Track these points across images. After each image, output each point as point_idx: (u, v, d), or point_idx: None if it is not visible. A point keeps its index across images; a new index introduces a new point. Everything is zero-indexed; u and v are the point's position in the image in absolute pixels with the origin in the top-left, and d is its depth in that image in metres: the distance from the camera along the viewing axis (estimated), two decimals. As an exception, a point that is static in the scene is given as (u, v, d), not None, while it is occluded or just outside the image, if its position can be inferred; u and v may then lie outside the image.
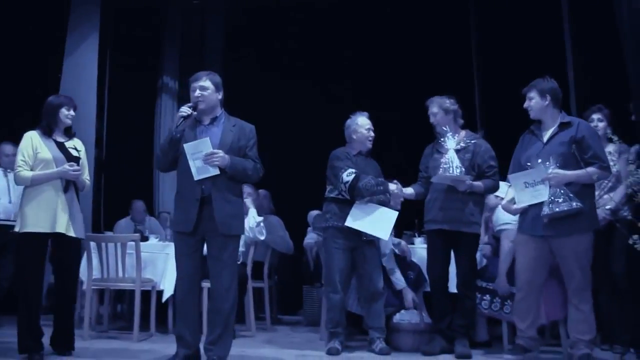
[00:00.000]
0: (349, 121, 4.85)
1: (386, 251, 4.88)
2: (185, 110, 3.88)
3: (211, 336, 3.86)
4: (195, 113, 3.92)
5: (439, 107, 4.60)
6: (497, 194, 4.75)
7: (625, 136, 4.64)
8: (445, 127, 4.52)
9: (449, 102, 4.61)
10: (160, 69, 8.11)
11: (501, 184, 4.59)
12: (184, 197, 3.92)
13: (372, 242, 4.61)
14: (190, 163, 3.82)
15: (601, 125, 4.73)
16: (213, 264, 3.89)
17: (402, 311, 4.76)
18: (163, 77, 8.05)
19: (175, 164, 4.00)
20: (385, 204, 4.56)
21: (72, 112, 4.30)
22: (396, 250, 5.04)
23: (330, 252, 4.62)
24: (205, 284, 4.63)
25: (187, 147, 3.83)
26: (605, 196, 4.58)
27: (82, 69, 6.48)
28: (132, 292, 5.71)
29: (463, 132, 4.62)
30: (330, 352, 4.42)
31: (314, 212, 7.01)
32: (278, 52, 8.64)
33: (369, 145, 4.76)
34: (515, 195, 4.15)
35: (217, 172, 3.81)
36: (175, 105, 8.12)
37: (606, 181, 4.56)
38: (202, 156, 3.79)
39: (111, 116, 7.14)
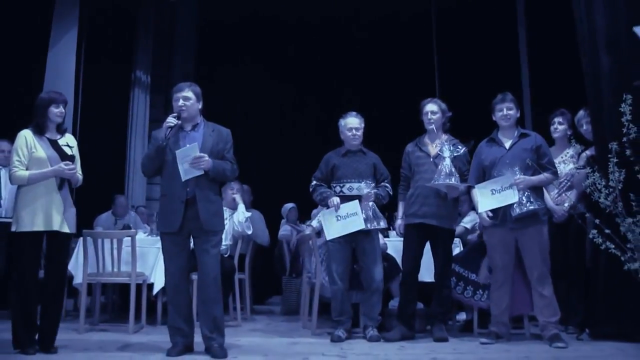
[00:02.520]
0: (338, 122, 5.14)
1: None
2: (171, 121, 4.21)
3: (208, 325, 4.15)
4: (179, 122, 4.25)
5: (439, 108, 4.95)
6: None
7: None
8: (435, 130, 4.91)
9: (444, 105, 4.99)
10: (134, 63, 8.22)
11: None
12: (169, 199, 4.23)
13: (369, 236, 4.88)
14: (180, 166, 4.15)
15: (561, 128, 5.23)
16: (200, 256, 4.22)
17: (396, 298, 5.20)
18: (136, 72, 8.16)
19: (160, 170, 4.31)
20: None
21: (62, 109, 4.32)
22: None
23: (329, 246, 4.97)
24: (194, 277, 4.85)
25: (178, 153, 4.16)
26: (564, 195, 5.11)
27: (62, 63, 6.55)
28: (115, 285, 5.99)
29: (444, 136, 4.98)
30: (332, 340, 4.75)
31: (289, 205, 7.34)
32: (250, 47, 8.85)
33: (354, 144, 5.03)
34: (480, 202, 4.65)
35: (201, 172, 4.16)
36: (148, 98, 8.25)
37: (565, 181, 5.10)
38: (190, 159, 4.12)
39: (84, 109, 7.20)
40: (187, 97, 4.28)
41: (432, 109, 4.95)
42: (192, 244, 4.35)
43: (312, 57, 8.75)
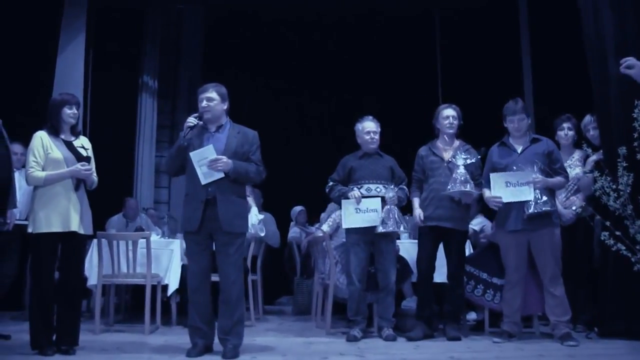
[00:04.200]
0: (355, 126, 5.23)
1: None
2: (191, 120, 4.22)
3: (224, 327, 4.19)
4: (201, 122, 4.25)
5: (457, 114, 5.06)
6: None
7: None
8: (451, 136, 5.04)
9: (459, 110, 5.10)
10: (141, 68, 8.35)
11: None
12: (191, 199, 4.25)
13: (388, 236, 4.96)
14: (197, 169, 4.15)
15: (570, 133, 5.34)
16: (220, 259, 4.23)
17: (408, 298, 5.36)
18: (143, 77, 8.28)
19: (183, 169, 4.32)
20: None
21: (74, 111, 4.32)
22: None
23: (348, 247, 5.06)
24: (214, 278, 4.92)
25: (192, 155, 4.16)
26: (572, 198, 5.22)
27: (71, 68, 6.64)
28: (127, 286, 6.07)
29: (457, 142, 5.11)
30: (348, 339, 4.83)
31: (298, 208, 7.47)
32: (256, 53, 8.96)
33: (371, 147, 5.12)
34: (494, 190, 4.73)
35: (222, 175, 4.15)
36: (155, 103, 8.36)
37: (572, 185, 5.21)
38: (207, 162, 4.12)
39: (93, 114, 7.30)
40: (211, 97, 4.26)
41: (452, 114, 5.06)
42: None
43: (318, 62, 8.85)
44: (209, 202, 4.16)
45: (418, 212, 5.01)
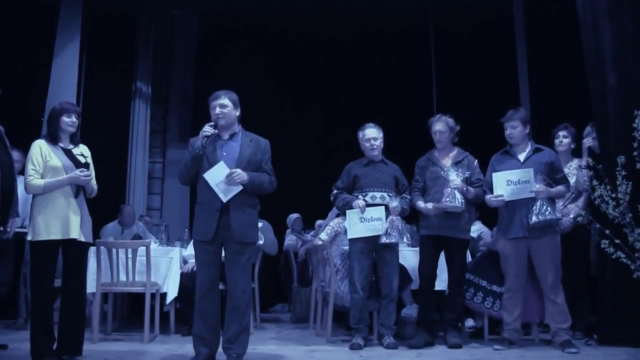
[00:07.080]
0: (358, 133, 5.23)
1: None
2: (207, 129, 4.13)
3: (229, 335, 4.15)
4: (216, 131, 4.18)
5: (445, 126, 5.07)
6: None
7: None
8: (444, 147, 5.09)
9: (452, 121, 5.11)
10: (134, 74, 8.33)
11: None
12: (204, 207, 4.20)
13: (391, 246, 4.99)
14: (215, 189, 4.09)
15: (566, 141, 5.41)
16: (230, 268, 4.19)
17: (408, 306, 5.36)
18: (137, 82, 8.25)
19: (197, 177, 4.26)
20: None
21: (73, 119, 4.31)
22: None
23: (351, 256, 5.06)
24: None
25: (207, 176, 4.09)
26: (570, 206, 5.28)
27: (65, 73, 6.62)
28: (123, 294, 6.02)
29: (455, 150, 5.15)
30: (352, 347, 4.82)
31: (294, 216, 7.47)
32: (249, 59, 8.98)
33: (373, 154, 5.12)
34: (496, 189, 4.80)
35: (240, 188, 4.11)
36: (149, 108, 8.33)
37: (569, 193, 5.27)
38: (224, 179, 4.06)
39: (86, 119, 7.26)
40: (224, 104, 4.21)
41: (439, 128, 5.08)
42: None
43: (313, 70, 8.88)
44: (223, 210, 4.12)
45: (427, 205, 4.96)
